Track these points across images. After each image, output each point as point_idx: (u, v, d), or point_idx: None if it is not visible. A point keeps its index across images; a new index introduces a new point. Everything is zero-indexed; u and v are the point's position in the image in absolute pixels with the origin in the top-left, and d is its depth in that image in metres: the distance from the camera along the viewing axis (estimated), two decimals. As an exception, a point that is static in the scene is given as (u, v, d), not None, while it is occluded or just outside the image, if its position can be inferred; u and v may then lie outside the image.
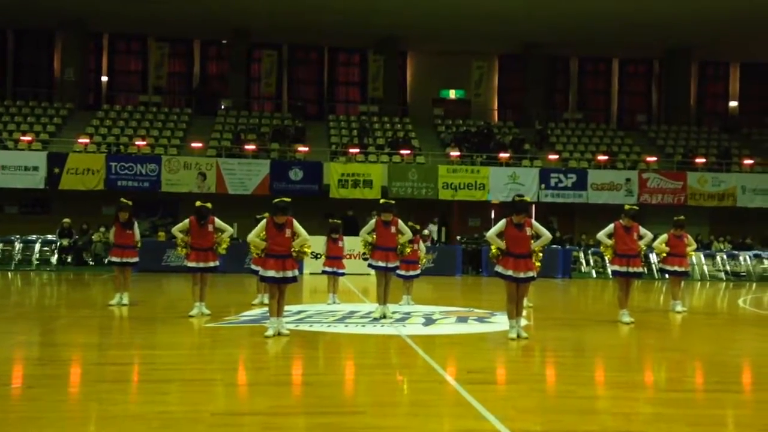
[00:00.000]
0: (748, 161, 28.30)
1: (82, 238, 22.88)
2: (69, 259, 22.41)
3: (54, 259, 21.79)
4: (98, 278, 18.14)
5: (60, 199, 25.01)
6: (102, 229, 22.20)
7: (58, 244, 22.15)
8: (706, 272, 23.53)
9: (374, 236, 10.60)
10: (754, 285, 21.73)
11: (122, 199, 12.18)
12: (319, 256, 13.49)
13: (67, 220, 22.76)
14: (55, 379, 6.41)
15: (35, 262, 21.24)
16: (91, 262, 22.51)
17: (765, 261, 24.16)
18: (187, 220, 10.83)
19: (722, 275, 23.66)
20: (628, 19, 27.40)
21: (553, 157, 27.45)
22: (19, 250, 21.42)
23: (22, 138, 25.59)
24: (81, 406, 5.60)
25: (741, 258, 24.28)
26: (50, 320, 10.49)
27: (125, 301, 11.74)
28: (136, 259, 12.13)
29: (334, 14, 27.77)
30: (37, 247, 21.62)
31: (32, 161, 24.06)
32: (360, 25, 29.24)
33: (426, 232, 22.79)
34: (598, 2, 26.18)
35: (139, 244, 12.12)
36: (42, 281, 17.70)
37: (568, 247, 23.98)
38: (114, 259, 11.88)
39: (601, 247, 11.47)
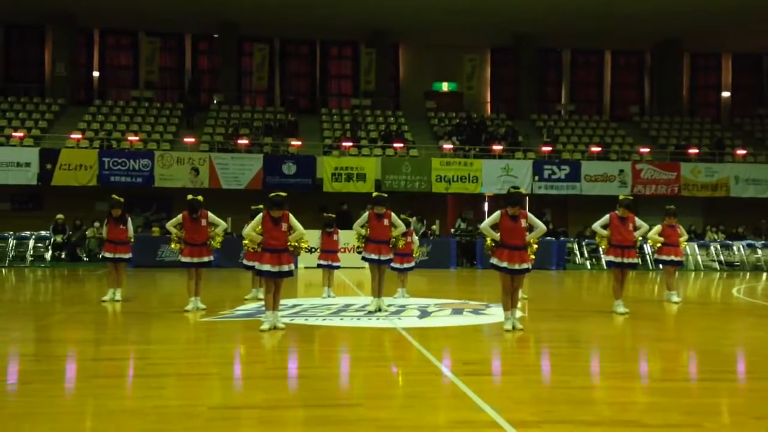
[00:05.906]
0: (741, 151, 28.38)
1: (76, 234, 22.81)
2: (63, 255, 22.35)
3: (48, 255, 21.72)
4: (93, 274, 18.09)
5: (53, 195, 24.90)
6: (96, 225, 22.12)
7: (52, 240, 22.08)
8: (700, 262, 23.62)
9: (367, 229, 10.61)
10: (748, 274, 21.83)
11: (113, 196, 12.12)
12: (314, 250, 13.46)
13: (60, 215, 22.71)
14: (51, 375, 6.41)
15: (29, 259, 21.17)
16: (85, 258, 22.47)
17: (758, 251, 24.26)
18: (180, 215, 10.80)
19: (716, 265, 23.76)
20: (619, 10, 27.40)
21: (546, 149, 27.46)
22: (12, 246, 21.31)
23: (14, 134, 25.50)
24: (77, 401, 5.59)
25: (734, 248, 24.38)
26: (45, 316, 10.47)
27: (118, 296, 11.70)
28: (129, 255, 12.11)
29: (324, 8, 27.70)
30: (31, 243, 21.52)
31: (24, 157, 23.95)
32: (351, 19, 29.18)
33: (419, 224, 22.71)
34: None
35: (131, 240, 12.09)
36: (36, 277, 17.64)
37: (562, 239, 24.01)
38: (107, 254, 11.85)
39: (597, 238, 11.46)
